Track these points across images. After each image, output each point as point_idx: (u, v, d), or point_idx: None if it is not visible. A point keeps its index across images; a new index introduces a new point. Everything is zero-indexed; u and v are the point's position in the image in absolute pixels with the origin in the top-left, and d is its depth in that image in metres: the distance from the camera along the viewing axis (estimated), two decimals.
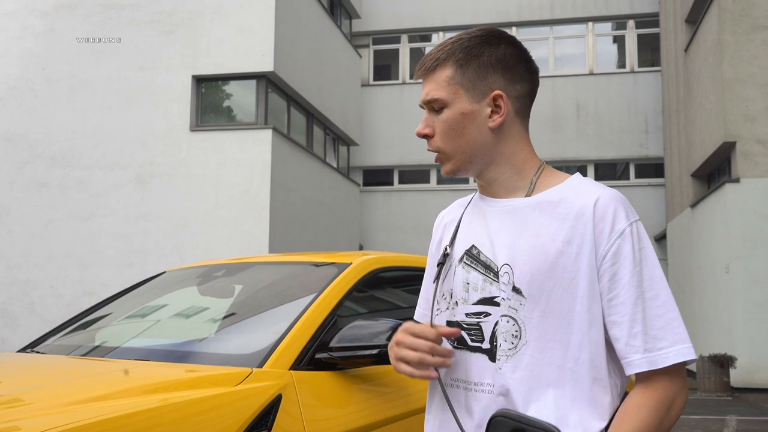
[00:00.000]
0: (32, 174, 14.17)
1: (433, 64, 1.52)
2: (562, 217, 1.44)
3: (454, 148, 1.51)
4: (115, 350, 2.83)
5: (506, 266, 1.45)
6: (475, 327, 1.48)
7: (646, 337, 1.37)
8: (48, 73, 14.46)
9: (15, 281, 13.88)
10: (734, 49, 12.86)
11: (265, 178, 13.35)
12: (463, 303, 1.50)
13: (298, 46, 15.17)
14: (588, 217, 1.42)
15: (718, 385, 11.99)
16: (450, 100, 1.49)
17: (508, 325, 1.43)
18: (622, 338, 1.38)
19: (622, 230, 1.41)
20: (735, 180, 12.71)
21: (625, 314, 1.38)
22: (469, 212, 1.61)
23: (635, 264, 1.39)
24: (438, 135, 1.52)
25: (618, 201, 1.44)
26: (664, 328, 1.38)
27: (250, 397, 2.14)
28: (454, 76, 1.49)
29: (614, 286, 1.39)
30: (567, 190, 1.48)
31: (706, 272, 14.28)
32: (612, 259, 1.40)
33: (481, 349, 1.46)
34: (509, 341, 1.43)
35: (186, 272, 3.52)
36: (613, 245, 1.40)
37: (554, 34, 21.33)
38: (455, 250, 1.56)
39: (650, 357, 1.37)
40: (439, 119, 1.51)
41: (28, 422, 1.83)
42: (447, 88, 1.50)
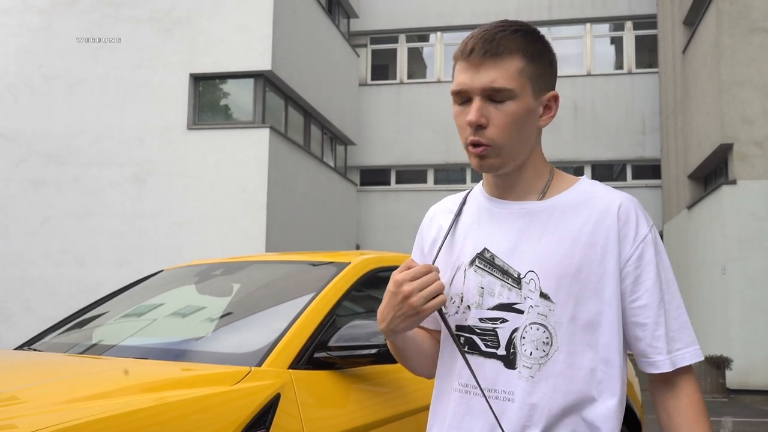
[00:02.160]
0: (29, 171, 14.14)
1: (502, 49, 1.42)
2: (583, 220, 1.45)
3: (510, 143, 1.44)
4: (113, 348, 2.82)
5: (531, 273, 1.44)
6: (490, 332, 1.46)
7: (667, 339, 1.44)
8: (45, 70, 14.42)
9: (11, 278, 13.85)
10: (732, 51, 12.87)
11: (262, 177, 13.33)
12: (476, 308, 1.48)
13: (296, 45, 15.15)
14: (612, 220, 1.44)
15: (714, 386, 12.00)
16: (519, 93, 1.42)
17: (539, 332, 1.42)
18: (645, 339, 1.44)
19: (645, 235, 1.45)
20: (732, 182, 12.72)
21: (649, 316, 1.43)
22: (472, 213, 1.57)
23: (657, 269, 1.45)
24: (496, 127, 1.43)
25: (638, 206, 1.48)
26: (680, 330, 1.46)
27: (248, 396, 2.13)
28: (525, 68, 1.43)
29: (637, 289, 1.44)
30: (582, 194, 1.49)
31: (703, 274, 14.30)
32: (636, 263, 1.43)
33: (496, 355, 1.45)
34: (541, 349, 1.42)
35: (184, 271, 3.51)
36: (637, 249, 1.44)
37: (552, 34, 21.33)
38: (462, 252, 1.53)
39: (671, 358, 1.44)
40: (502, 110, 1.42)
41: (24, 420, 1.81)
42: (518, 80, 1.42)
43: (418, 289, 1.42)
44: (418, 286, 1.42)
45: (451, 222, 1.59)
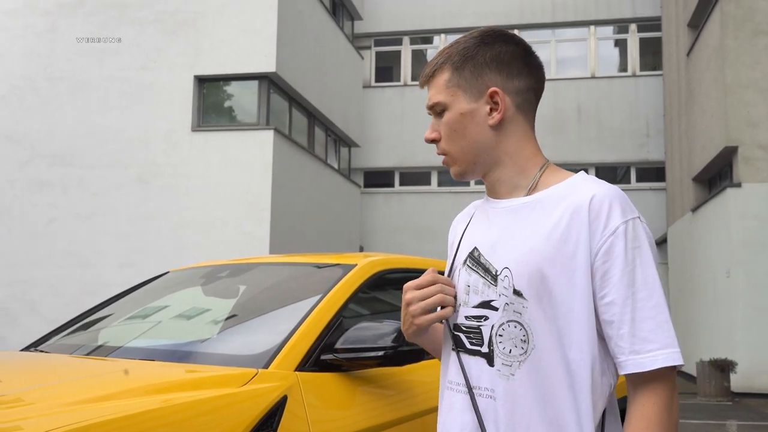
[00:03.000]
0: (33, 173, 14.16)
1: (432, 70, 1.53)
2: (559, 214, 1.42)
3: (458, 149, 1.50)
4: (119, 350, 2.82)
5: (506, 269, 1.43)
6: (474, 330, 1.46)
7: (633, 339, 1.35)
8: (50, 72, 14.45)
9: (15, 280, 13.87)
10: (736, 54, 12.85)
11: (266, 179, 13.34)
12: (464, 306, 1.49)
13: (300, 47, 15.16)
14: (584, 214, 1.39)
15: (719, 389, 11.97)
16: (449, 102, 1.50)
17: (516, 330, 1.40)
18: (613, 338, 1.37)
19: (615, 228, 1.38)
20: (736, 185, 12.69)
21: (614, 314, 1.36)
22: (476, 214, 1.61)
23: (627, 263, 1.36)
24: (443, 138, 1.52)
25: (615, 197, 1.41)
26: (654, 331, 1.35)
27: (255, 398, 2.12)
28: (451, 78, 1.50)
29: (605, 284, 1.37)
30: (567, 188, 1.46)
31: (707, 277, 14.27)
32: (604, 257, 1.37)
33: (480, 353, 1.45)
34: (519, 347, 1.40)
35: (190, 272, 3.50)
36: (605, 243, 1.37)
37: (556, 37, 21.33)
38: (460, 252, 1.56)
39: (637, 359, 1.35)
40: (444, 122, 1.51)
41: (30, 422, 1.81)
42: (445, 91, 1.50)
43: (417, 299, 1.47)
44: (418, 296, 1.48)
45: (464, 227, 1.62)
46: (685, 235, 16.30)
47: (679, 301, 17.24)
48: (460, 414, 1.46)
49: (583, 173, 1.52)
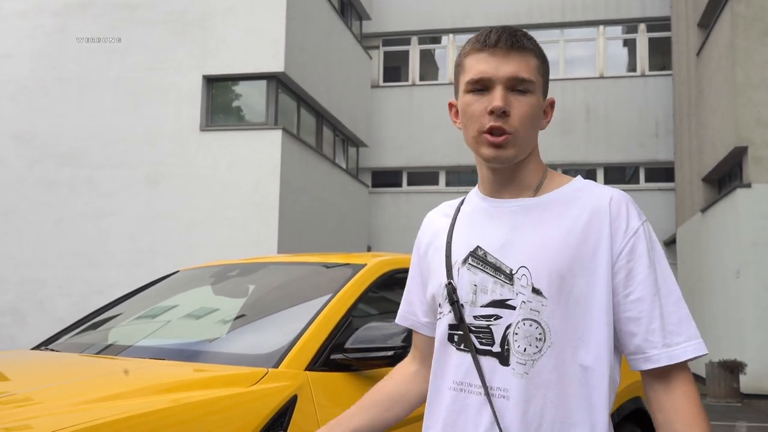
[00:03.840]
0: (42, 173, 14.21)
1: (526, 44, 1.46)
2: (575, 215, 1.44)
3: (527, 134, 1.47)
4: (129, 349, 2.82)
5: (523, 268, 1.42)
6: (484, 330, 1.44)
7: (664, 333, 1.39)
8: (59, 72, 14.50)
9: (24, 280, 13.92)
10: (747, 53, 12.79)
11: (274, 179, 13.35)
12: (470, 305, 1.47)
13: (309, 46, 15.16)
14: (604, 214, 1.43)
15: (728, 391, 11.92)
16: (536, 88, 1.47)
17: (531, 328, 1.40)
18: (640, 333, 1.40)
19: (637, 228, 1.43)
20: (746, 185, 12.64)
21: (643, 310, 1.40)
22: (467, 213, 1.58)
23: (650, 262, 1.42)
24: (518, 116, 1.44)
25: (629, 200, 1.48)
26: (679, 324, 1.41)
27: (265, 397, 2.12)
28: (539, 67, 1.49)
29: (630, 283, 1.41)
30: (576, 191, 1.49)
31: (716, 277, 14.21)
32: (628, 257, 1.41)
33: (491, 353, 1.43)
34: (534, 345, 1.40)
35: (199, 272, 3.51)
36: (629, 243, 1.42)
37: (565, 37, 21.28)
38: (456, 251, 1.53)
39: (669, 352, 1.39)
40: (523, 101, 1.45)
41: (40, 421, 1.82)
42: (536, 76, 1.47)
43: None
44: None
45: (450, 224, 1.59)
46: (694, 236, 16.24)
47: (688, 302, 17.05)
48: (475, 416, 1.44)
49: (581, 177, 1.55)
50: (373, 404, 1.67)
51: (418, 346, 1.71)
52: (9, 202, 14.20)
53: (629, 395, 3.78)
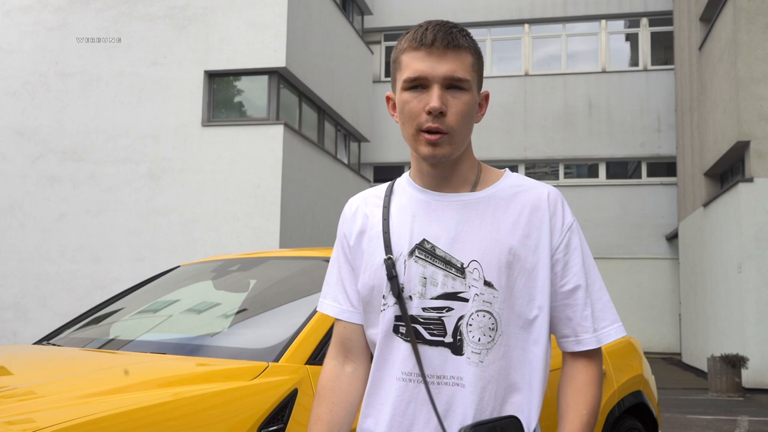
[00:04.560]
0: (45, 168, 14.23)
1: (461, 42, 1.48)
2: (518, 211, 1.53)
3: (462, 132, 1.50)
4: (130, 343, 2.83)
5: (475, 262, 1.48)
6: (435, 321, 1.48)
7: (593, 319, 1.54)
8: (61, 67, 14.50)
9: (27, 275, 13.94)
10: (749, 47, 12.76)
11: (276, 174, 13.36)
12: (419, 297, 1.49)
13: (310, 42, 15.16)
14: (543, 210, 1.54)
15: (730, 385, 11.91)
16: (471, 86, 1.49)
17: (485, 319, 1.48)
18: (575, 319, 1.54)
19: (571, 224, 1.56)
20: (748, 179, 12.62)
21: (579, 298, 1.54)
22: (404, 205, 1.58)
23: (582, 255, 1.56)
24: (454, 115, 1.47)
25: (562, 197, 1.60)
26: (603, 310, 1.56)
27: (266, 391, 2.13)
28: (474, 64, 1.51)
29: (566, 274, 1.54)
30: (514, 186, 1.57)
31: (718, 272, 14.21)
32: (565, 250, 1.54)
33: (443, 343, 1.47)
34: (488, 335, 1.48)
35: (201, 266, 3.52)
36: (565, 237, 1.55)
37: (567, 31, 21.25)
38: (399, 243, 1.54)
39: (597, 336, 1.54)
40: (459, 99, 1.47)
41: (42, 415, 1.82)
42: (471, 74, 1.50)
43: None
44: None
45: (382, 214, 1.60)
46: (696, 231, 16.23)
47: (690, 297, 17.18)
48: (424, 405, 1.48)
49: (509, 170, 1.64)
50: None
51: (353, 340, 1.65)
52: (12, 198, 14.23)
53: (630, 389, 3.78)
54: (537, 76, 20.97)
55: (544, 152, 20.59)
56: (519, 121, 20.79)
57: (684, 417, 9.33)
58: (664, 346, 19.55)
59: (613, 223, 19.93)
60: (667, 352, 19.46)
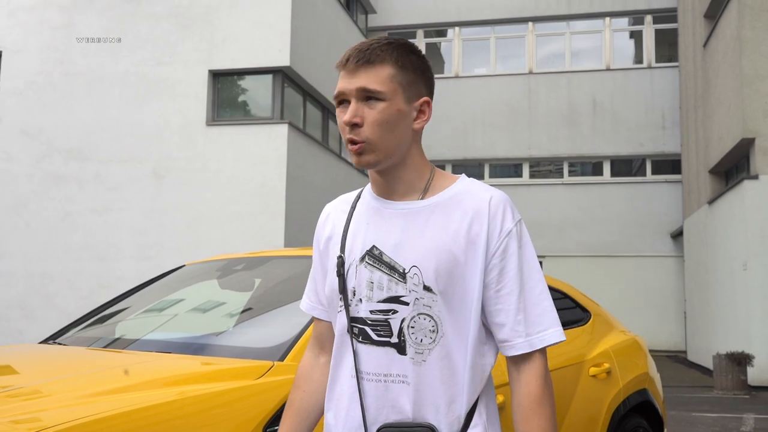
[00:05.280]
0: (50, 167, 14.26)
1: (374, 58, 1.58)
2: (459, 217, 1.58)
3: (382, 141, 1.57)
4: (136, 342, 2.83)
5: (415, 268, 1.56)
6: (382, 323, 1.57)
7: (527, 324, 1.56)
8: (66, 67, 14.53)
9: (32, 274, 13.98)
10: (754, 44, 12.73)
11: (280, 173, 13.37)
12: (367, 301, 1.59)
13: (315, 41, 15.16)
14: (483, 216, 1.58)
15: (735, 383, 11.90)
16: (390, 97, 1.56)
17: (425, 322, 1.55)
18: (508, 324, 1.57)
19: (510, 230, 1.58)
20: (754, 176, 12.59)
21: (511, 304, 1.57)
22: (362, 212, 1.68)
23: (519, 260, 1.58)
24: (369, 126, 1.56)
25: (506, 202, 1.61)
26: (541, 315, 1.58)
27: (271, 390, 2.14)
28: (395, 75, 1.58)
29: (502, 279, 1.57)
30: (460, 193, 1.62)
31: (724, 269, 14.18)
32: (501, 255, 1.57)
33: (390, 343, 1.56)
34: (429, 336, 1.55)
35: (205, 266, 3.52)
36: (502, 243, 1.57)
37: (571, 29, 21.21)
38: (353, 249, 1.64)
39: (530, 340, 1.56)
40: (375, 111, 1.56)
41: (48, 414, 1.83)
42: (389, 85, 1.57)
43: None
44: None
45: (346, 220, 1.70)
46: (701, 228, 16.20)
47: (695, 294, 17.14)
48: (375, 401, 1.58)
49: (465, 176, 1.69)
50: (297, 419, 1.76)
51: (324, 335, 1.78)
52: (17, 197, 14.26)
53: (635, 388, 3.78)
54: (541, 74, 20.94)
55: (548, 150, 20.56)
56: (523, 119, 20.76)
57: (689, 415, 9.32)
58: (670, 343, 19.52)
59: (618, 220, 19.89)
60: (673, 350, 19.43)
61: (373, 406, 1.57)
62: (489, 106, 20.83)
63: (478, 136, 20.79)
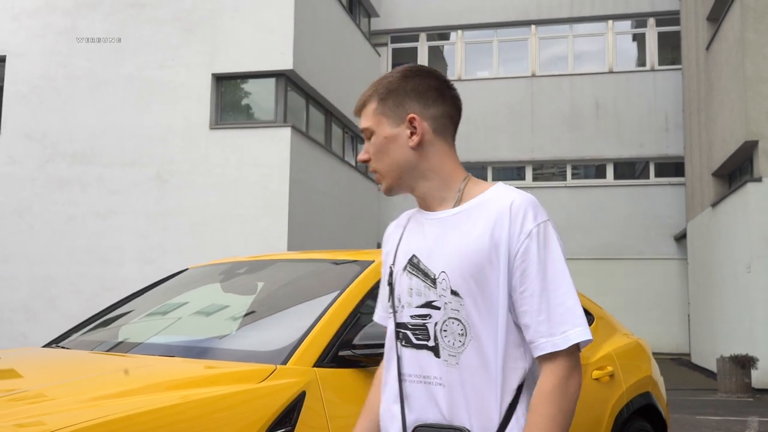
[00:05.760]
0: (53, 171, 14.28)
1: (363, 101, 1.77)
2: (484, 222, 1.64)
3: (385, 167, 1.73)
4: (139, 346, 2.84)
5: (443, 273, 1.65)
6: (420, 327, 1.68)
7: (550, 324, 1.58)
8: (69, 71, 14.56)
9: (36, 277, 14.00)
10: (757, 46, 12.72)
11: (283, 176, 13.38)
12: (408, 306, 1.70)
13: (317, 44, 15.18)
14: (505, 219, 1.63)
15: (739, 385, 11.87)
16: (375, 128, 1.73)
17: (454, 325, 1.64)
18: (532, 325, 1.60)
19: (530, 231, 1.61)
20: (757, 179, 12.57)
21: (533, 304, 1.59)
22: (411, 226, 1.81)
23: (540, 261, 1.60)
24: (374, 157, 1.74)
25: (529, 204, 1.64)
26: (564, 314, 1.59)
27: (274, 394, 2.14)
28: (377, 107, 1.74)
29: (524, 281, 1.60)
30: (487, 199, 1.68)
31: (727, 272, 14.15)
32: (522, 257, 1.61)
33: (427, 347, 1.66)
34: (458, 339, 1.63)
35: (208, 269, 3.52)
36: (523, 245, 1.61)
37: (573, 32, 21.21)
38: (399, 259, 1.76)
39: (553, 340, 1.57)
40: (372, 144, 1.74)
41: (52, 418, 1.83)
42: (373, 119, 1.74)
43: None
44: None
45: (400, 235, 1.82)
46: (704, 231, 16.17)
47: (698, 297, 17.11)
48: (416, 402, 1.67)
49: (500, 183, 1.73)
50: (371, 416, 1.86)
51: None
52: (21, 201, 14.29)
53: (638, 391, 3.78)
54: (544, 77, 20.94)
55: (551, 153, 20.55)
56: (526, 122, 20.75)
57: (693, 418, 9.30)
58: (673, 346, 19.49)
59: (621, 223, 19.88)
60: (676, 353, 19.39)
61: (412, 407, 1.66)
62: (492, 109, 20.82)
63: (481, 139, 20.78)
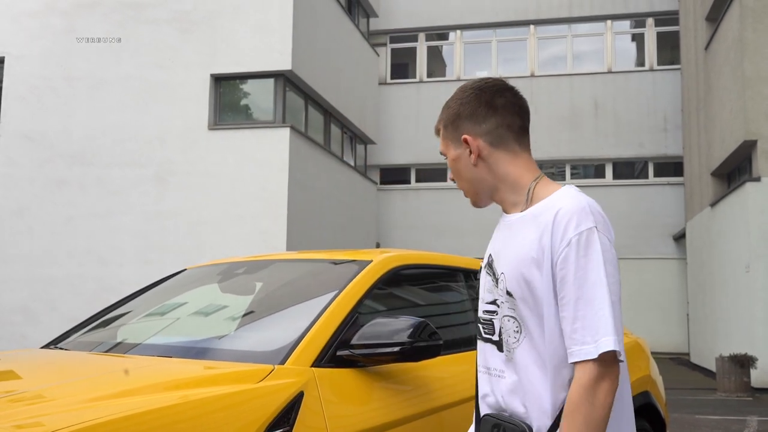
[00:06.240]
0: (52, 172, 14.28)
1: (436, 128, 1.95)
2: (535, 228, 1.73)
3: (463, 184, 1.90)
4: (137, 347, 2.84)
5: (503, 274, 1.78)
6: (488, 322, 1.83)
7: (583, 332, 1.63)
8: (68, 72, 14.56)
9: (35, 278, 14.00)
10: (755, 46, 12.72)
11: (282, 177, 13.38)
12: (482, 302, 1.86)
13: (316, 44, 15.18)
14: (549, 227, 1.70)
15: (739, 385, 11.87)
16: (446, 152, 1.92)
17: (510, 323, 1.76)
18: (567, 332, 1.66)
19: (570, 240, 1.67)
20: (756, 179, 12.58)
21: (569, 312, 1.65)
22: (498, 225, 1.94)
23: (578, 269, 1.65)
24: (454, 177, 1.93)
25: (575, 212, 1.69)
26: (595, 324, 1.63)
27: (272, 394, 2.14)
28: (445, 133, 1.92)
29: (562, 288, 1.67)
30: (548, 203, 1.76)
31: (726, 272, 14.16)
32: (561, 264, 1.67)
33: (492, 341, 1.81)
34: (513, 336, 1.75)
35: (206, 270, 3.53)
36: (563, 252, 1.67)
37: (572, 32, 21.22)
38: (485, 257, 1.93)
39: (585, 348, 1.62)
40: (451, 166, 1.92)
41: (50, 418, 1.83)
42: (443, 144, 1.92)
43: None
44: None
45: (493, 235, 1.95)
46: (704, 230, 16.18)
47: (698, 296, 17.12)
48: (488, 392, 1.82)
49: (567, 187, 1.81)
50: None
51: None
52: (20, 202, 14.29)
53: (637, 390, 3.78)
54: (543, 77, 20.94)
55: (550, 153, 20.56)
56: None
57: (692, 417, 9.30)
58: (672, 346, 19.49)
59: (621, 223, 19.87)
60: (675, 352, 19.39)
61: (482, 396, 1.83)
62: None
63: None
